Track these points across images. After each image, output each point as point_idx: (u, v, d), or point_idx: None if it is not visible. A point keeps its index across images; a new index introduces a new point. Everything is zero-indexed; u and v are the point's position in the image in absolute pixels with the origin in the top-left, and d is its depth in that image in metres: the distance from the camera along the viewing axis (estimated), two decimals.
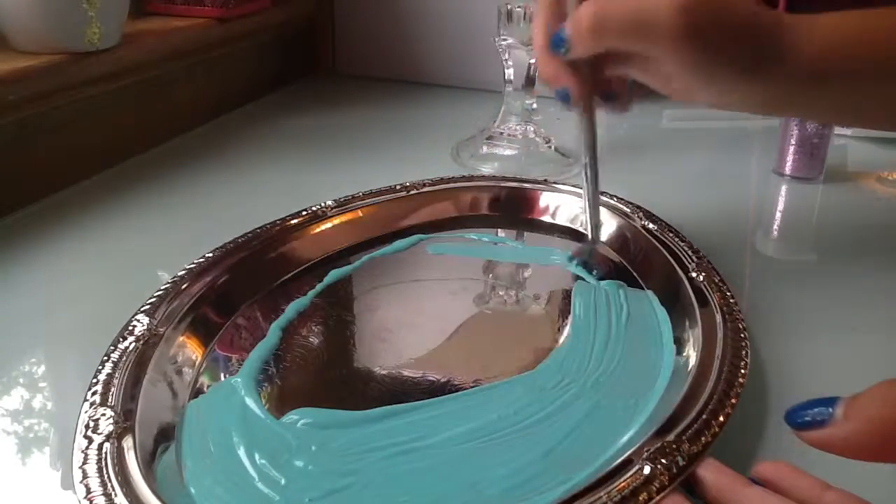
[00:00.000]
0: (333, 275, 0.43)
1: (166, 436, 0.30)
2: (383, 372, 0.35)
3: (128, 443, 0.28)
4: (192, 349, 0.35)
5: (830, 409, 0.21)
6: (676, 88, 0.36)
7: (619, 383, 0.34)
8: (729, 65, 0.34)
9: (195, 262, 0.40)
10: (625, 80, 0.39)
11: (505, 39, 0.59)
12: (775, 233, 0.54)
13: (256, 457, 0.29)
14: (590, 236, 0.43)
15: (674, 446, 0.27)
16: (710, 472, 0.26)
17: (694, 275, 0.39)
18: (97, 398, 0.30)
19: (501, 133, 0.63)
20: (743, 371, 0.32)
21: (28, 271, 0.44)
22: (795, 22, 0.35)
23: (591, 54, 0.36)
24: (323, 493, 0.27)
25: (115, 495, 0.25)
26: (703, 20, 0.33)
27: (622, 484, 0.25)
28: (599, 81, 0.38)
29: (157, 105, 0.67)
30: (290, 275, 0.43)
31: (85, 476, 0.26)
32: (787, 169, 0.60)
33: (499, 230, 0.50)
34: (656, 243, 0.43)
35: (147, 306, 0.36)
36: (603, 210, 0.48)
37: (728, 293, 0.38)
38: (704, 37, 0.33)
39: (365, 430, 0.31)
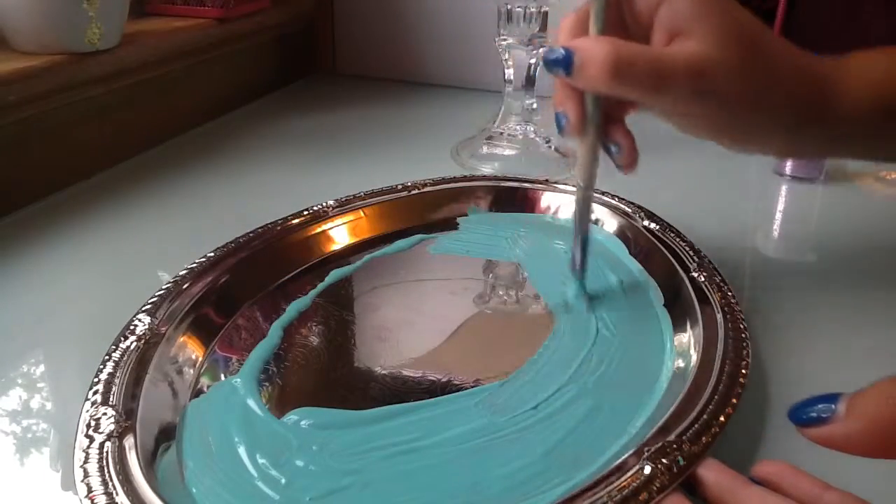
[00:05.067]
0: (334, 274, 0.43)
1: (167, 435, 0.30)
2: (384, 372, 0.35)
3: (129, 442, 0.28)
4: (193, 349, 0.35)
5: (833, 406, 0.21)
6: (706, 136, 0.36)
7: (620, 383, 0.34)
8: (769, 122, 0.33)
9: (196, 261, 0.40)
10: (630, 135, 0.37)
11: (505, 39, 0.59)
12: (775, 233, 0.54)
13: (257, 456, 0.29)
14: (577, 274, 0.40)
15: (674, 446, 0.27)
16: (711, 472, 0.26)
17: (695, 274, 0.39)
18: (98, 397, 0.30)
19: (501, 133, 0.63)
20: (744, 371, 0.32)
21: (28, 271, 0.44)
22: (833, 73, 0.34)
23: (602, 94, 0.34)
24: (323, 493, 0.27)
25: (116, 494, 0.25)
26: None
27: (622, 484, 0.25)
28: (606, 125, 0.36)
29: (157, 105, 0.67)
30: (290, 274, 0.43)
31: (86, 475, 0.26)
32: (787, 169, 0.60)
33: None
34: (657, 243, 0.43)
35: (148, 306, 0.36)
36: (604, 210, 0.48)
37: (729, 293, 0.38)
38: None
39: (365, 429, 0.31)
